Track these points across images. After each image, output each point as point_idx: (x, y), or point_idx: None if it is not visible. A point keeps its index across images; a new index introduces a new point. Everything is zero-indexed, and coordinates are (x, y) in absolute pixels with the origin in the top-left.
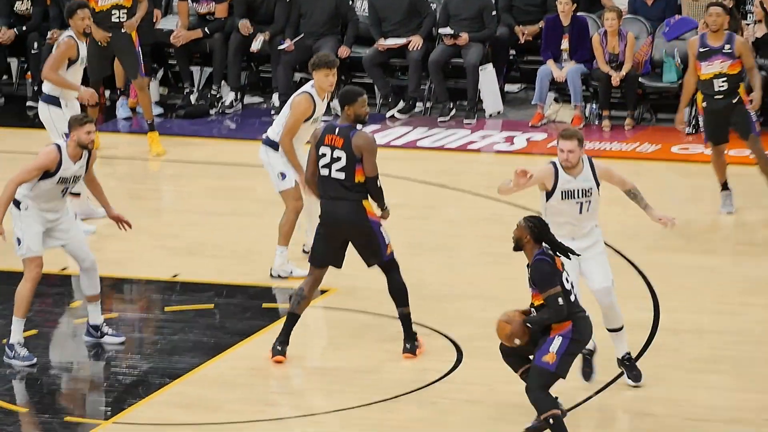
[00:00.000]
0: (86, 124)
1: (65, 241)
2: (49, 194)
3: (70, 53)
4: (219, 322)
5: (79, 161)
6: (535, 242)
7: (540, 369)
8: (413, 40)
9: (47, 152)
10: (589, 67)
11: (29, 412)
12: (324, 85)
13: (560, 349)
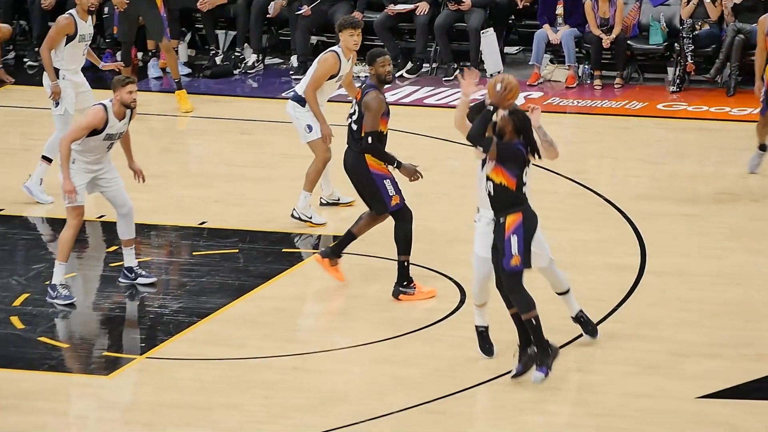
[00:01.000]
0: (128, 85)
1: (107, 189)
2: (96, 149)
3: (68, 30)
4: (243, 265)
5: (124, 119)
6: (516, 133)
7: (511, 274)
8: (420, 5)
9: (95, 111)
10: (581, 30)
11: (70, 348)
12: (349, 44)
13: (519, 247)
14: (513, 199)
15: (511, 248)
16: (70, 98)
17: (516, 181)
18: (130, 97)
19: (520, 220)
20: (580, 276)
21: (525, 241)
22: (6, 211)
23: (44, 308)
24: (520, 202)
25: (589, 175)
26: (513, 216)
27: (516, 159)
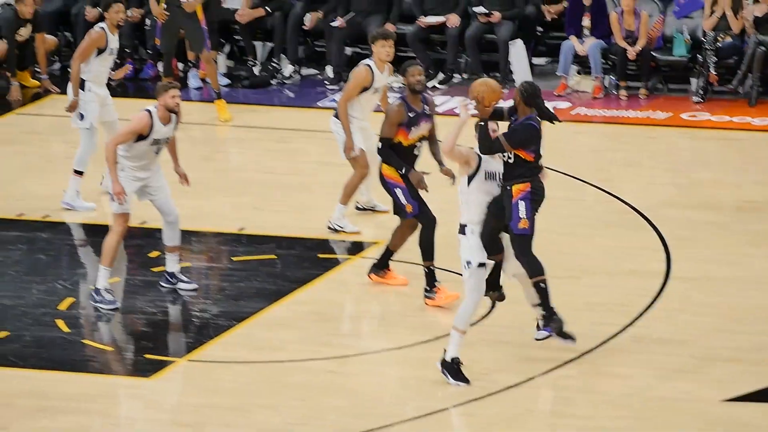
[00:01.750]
0: (171, 90)
1: (155, 196)
2: (144, 154)
3: (99, 43)
4: (280, 270)
5: (169, 123)
6: (526, 105)
7: (520, 237)
8: (451, 18)
9: (140, 117)
10: (608, 42)
11: (114, 350)
12: (381, 55)
13: (528, 212)
14: (525, 170)
15: (518, 212)
16: (94, 112)
17: (534, 155)
18: (173, 101)
19: (529, 189)
20: (606, 282)
21: (532, 208)
22: (51, 217)
23: (89, 312)
24: (530, 174)
25: (614, 183)
26: (521, 185)
27: (532, 138)
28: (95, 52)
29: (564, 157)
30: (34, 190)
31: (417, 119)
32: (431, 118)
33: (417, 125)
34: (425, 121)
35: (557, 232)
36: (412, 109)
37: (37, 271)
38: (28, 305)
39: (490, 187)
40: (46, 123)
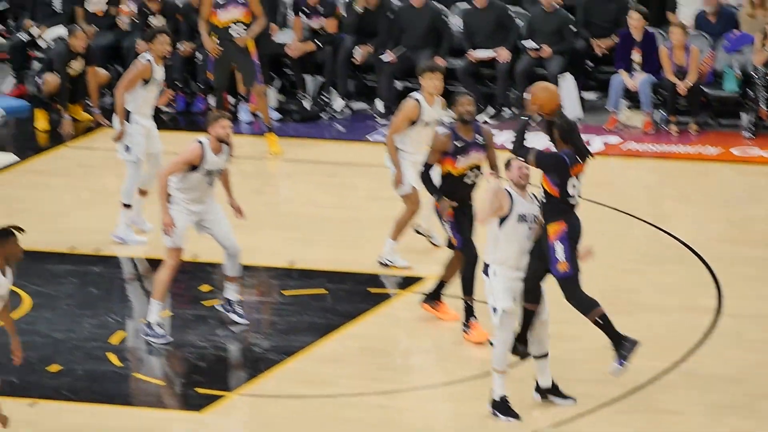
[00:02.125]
0: (221, 120)
1: (213, 230)
2: (197, 186)
3: (144, 74)
4: (330, 304)
5: (221, 154)
6: (563, 141)
7: (564, 280)
8: (501, 52)
9: (192, 148)
10: (657, 77)
11: (165, 384)
12: (430, 88)
13: (566, 254)
14: (557, 207)
15: (555, 254)
16: (140, 144)
17: (558, 189)
18: (224, 131)
19: (564, 228)
20: (658, 317)
21: (570, 248)
22: (102, 251)
23: (140, 345)
24: (563, 210)
25: (665, 218)
26: (556, 225)
27: (556, 168)
28: (141, 83)
29: (615, 192)
30: (85, 224)
31: (466, 148)
32: (484, 148)
33: (465, 154)
34: (476, 150)
35: (608, 267)
36: (460, 138)
37: (88, 304)
38: (79, 339)
39: (521, 230)
40: (98, 156)
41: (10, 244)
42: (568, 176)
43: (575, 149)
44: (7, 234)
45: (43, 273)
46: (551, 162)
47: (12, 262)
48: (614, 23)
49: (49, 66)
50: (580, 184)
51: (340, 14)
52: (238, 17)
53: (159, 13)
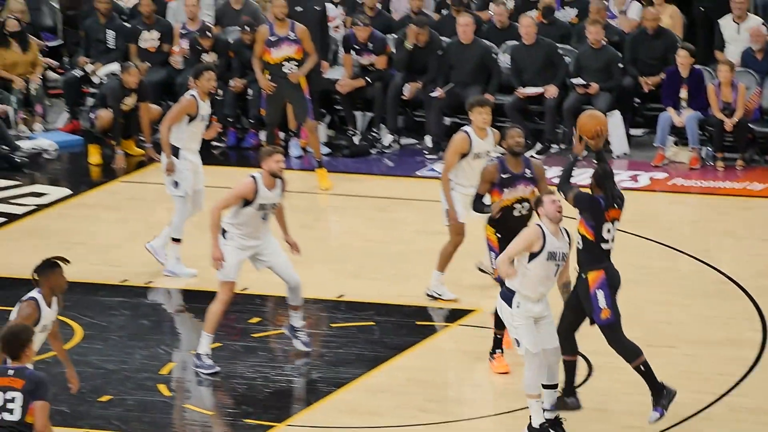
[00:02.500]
0: (275, 155)
1: (271, 264)
2: (251, 221)
3: (189, 110)
4: (378, 337)
5: (274, 189)
6: (597, 186)
7: (607, 327)
8: (549, 89)
9: (245, 182)
10: (705, 113)
11: (215, 415)
12: (478, 122)
13: (607, 300)
14: (593, 254)
15: (598, 302)
16: (188, 179)
17: (594, 233)
18: (278, 166)
19: (603, 276)
20: (703, 351)
21: (611, 294)
22: (154, 283)
23: (190, 377)
24: (601, 259)
25: (711, 253)
26: (595, 272)
27: (591, 210)
28: (186, 119)
29: (661, 227)
30: (137, 257)
31: (513, 181)
32: (533, 182)
33: (512, 187)
34: (524, 183)
35: (654, 301)
36: (507, 171)
37: (139, 336)
38: (130, 370)
39: (550, 267)
40: (150, 190)
41: (56, 275)
42: (604, 220)
43: (609, 195)
44: (53, 265)
45: (95, 305)
46: (587, 203)
47: (58, 293)
48: (662, 61)
49: (102, 102)
50: (614, 231)
51: (390, 51)
52: (291, 54)
53: (211, 50)
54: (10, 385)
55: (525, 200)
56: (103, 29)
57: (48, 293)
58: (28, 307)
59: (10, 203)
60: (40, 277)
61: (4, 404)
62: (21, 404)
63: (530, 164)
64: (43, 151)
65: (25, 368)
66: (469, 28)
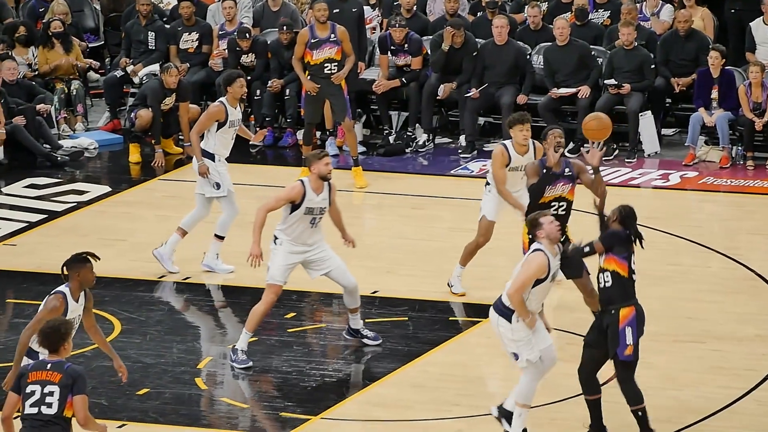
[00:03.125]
0: (324, 158)
1: (326, 269)
2: (300, 226)
3: (219, 117)
4: (412, 332)
5: (322, 193)
6: (620, 224)
7: (625, 363)
8: (582, 89)
9: (293, 186)
10: (735, 114)
11: (250, 408)
12: (519, 139)
13: (633, 338)
14: (625, 289)
15: (626, 339)
16: (227, 178)
17: (627, 264)
18: (327, 169)
19: (634, 314)
20: (732, 347)
21: (638, 334)
22: (191, 279)
23: (226, 370)
24: (632, 294)
25: (741, 251)
26: (626, 309)
27: (621, 242)
28: (215, 126)
29: (692, 225)
30: (176, 253)
31: (553, 179)
32: (572, 180)
33: (552, 185)
34: (563, 182)
35: (685, 298)
36: (548, 169)
37: (177, 330)
38: (168, 364)
39: (549, 287)
40: (188, 188)
41: (85, 270)
42: (632, 251)
43: (634, 233)
44: (84, 260)
45: (134, 300)
46: (618, 238)
47: (86, 288)
48: (693, 62)
49: (142, 101)
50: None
51: (426, 52)
52: (332, 56)
53: (249, 50)
54: (48, 378)
55: (563, 199)
56: (143, 31)
57: (77, 288)
58: (55, 300)
59: (51, 201)
60: (70, 272)
61: (42, 398)
62: (59, 398)
63: (570, 164)
64: (84, 150)
65: (63, 362)
66: (504, 29)
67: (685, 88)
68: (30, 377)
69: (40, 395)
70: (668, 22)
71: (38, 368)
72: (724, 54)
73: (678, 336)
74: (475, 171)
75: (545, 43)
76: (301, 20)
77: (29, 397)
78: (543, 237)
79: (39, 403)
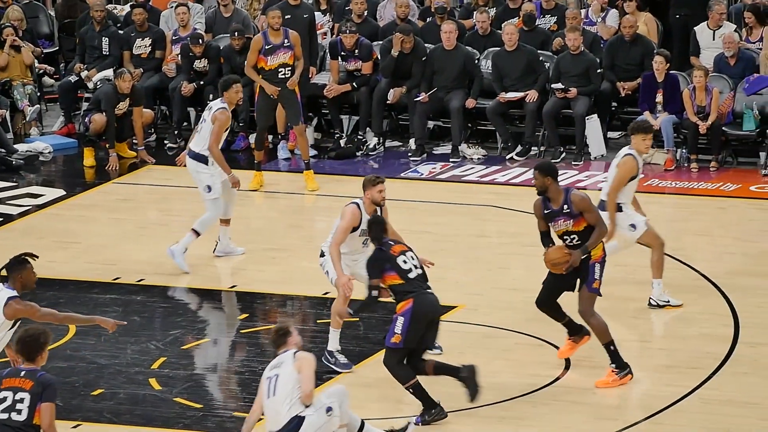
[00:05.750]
0: (378, 184)
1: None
2: (352, 245)
3: (228, 123)
4: (363, 332)
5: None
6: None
7: (388, 348)
8: (529, 93)
9: (351, 211)
10: (680, 117)
11: (203, 408)
12: (641, 147)
13: (403, 328)
14: (404, 290)
15: (395, 327)
16: (219, 184)
17: (395, 274)
18: (380, 195)
19: (410, 305)
20: (678, 345)
21: (411, 324)
22: (146, 280)
23: (180, 371)
24: (411, 290)
25: (686, 251)
26: (404, 302)
27: (378, 262)
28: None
29: None
30: (129, 255)
31: (552, 216)
32: (571, 216)
33: (553, 222)
34: (564, 219)
35: (631, 298)
36: (548, 207)
37: (131, 332)
38: (122, 364)
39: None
40: (142, 191)
41: (27, 272)
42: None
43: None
44: (24, 262)
45: (88, 302)
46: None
47: (28, 289)
48: (639, 66)
49: (96, 106)
50: None
51: (376, 57)
52: (285, 60)
53: (202, 56)
54: (20, 386)
55: (571, 232)
56: (97, 36)
57: (19, 289)
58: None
59: (6, 204)
60: (12, 275)
61: (13, 404)
62: (29, 405)
63: (569, 200)
64: (39, 154)
65: (36, 370)
66: (453, 34)
67: (631, 92)
68: (3, 383)
69: (11, 401)
70: (614, 27)
71: (12, 375)
72: (669, 59)
73: (624, 335)
74: (424, 174)
75: (493, 48)
76: (253, 26)
77: (1, 402)
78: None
79: (10, 409)
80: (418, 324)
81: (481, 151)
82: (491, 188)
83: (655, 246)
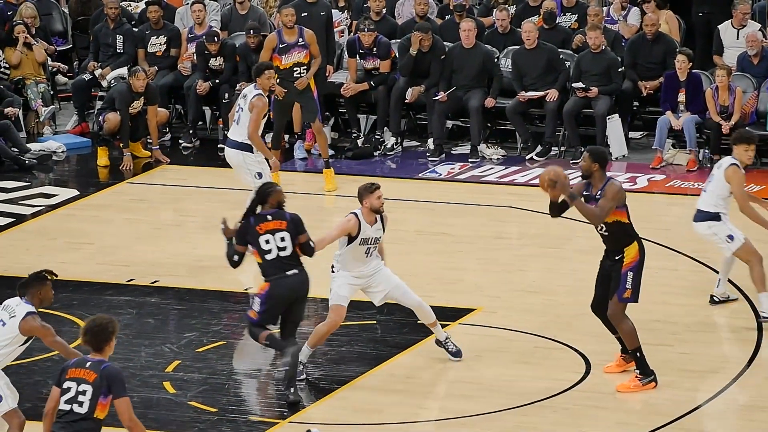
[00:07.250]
0: (376, 191)
1: (386, 294)
2: (355, 256)
3: (265, 109)
4: (380, 335)
5: (375, 224)
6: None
7: (248, 320)
8: (550, 92)
9: (348, 219)
10: (702, 117)
11: (218, 412)
12: (743, 158)
13: (260, 309)
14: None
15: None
16: (267, 167)
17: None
18: (378, 202)
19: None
20: (700, 349)
21: (265, 307)
22: (160, 282)
23: (194, 374)
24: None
25: (708, 253)
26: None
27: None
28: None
29: (659, 228)
30: (144, 256)
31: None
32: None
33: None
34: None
35: (652, 300)
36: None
37: (145, 334)
38: (136, 367)
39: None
40: (156, 192)
41: (46, 288)
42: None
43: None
44: (43, 278)
45: (102, 303)
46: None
47: (45, 305)
48: (661, 65)
49: (110, 105)
50: None
51: (394, 55)
52: (300, 59)
53: (217, 54)
54: (84, 377)
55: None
56: (111, 34)
57: (37, 305)
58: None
59: (19, 204)
60: (31, 291)
61: (76, 396)
62: (90, 397)
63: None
64: (52, 153)
65: (101, 362)
66: (472, 32)
67: (653, 92)
68: (69, 373)
69: (74, 393)
70: (636, 25)
71: (78, 365)
72: (691, 57)
73: (645, 339)
74: (443, 174)
75: (513, 46)
76: (269, 23)
77: (65, 393)
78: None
79: (72, 400)
80: (273, 309)
81: (500, 151)
82: (511, 189)
83: (753, 261)
